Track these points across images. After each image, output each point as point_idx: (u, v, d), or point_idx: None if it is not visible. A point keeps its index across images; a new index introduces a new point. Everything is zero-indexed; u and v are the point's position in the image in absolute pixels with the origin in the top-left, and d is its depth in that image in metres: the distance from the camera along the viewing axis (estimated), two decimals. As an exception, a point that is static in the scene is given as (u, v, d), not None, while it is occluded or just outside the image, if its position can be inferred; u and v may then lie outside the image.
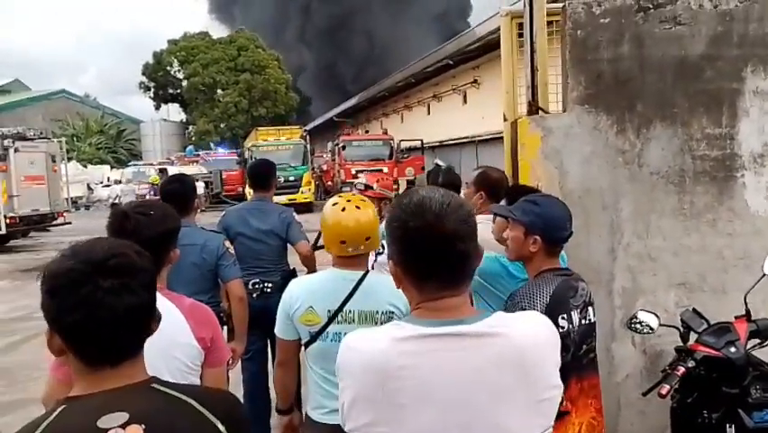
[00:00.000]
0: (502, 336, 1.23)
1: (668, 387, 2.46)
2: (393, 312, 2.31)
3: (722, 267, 3.09)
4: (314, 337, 2.38)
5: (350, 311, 2.34)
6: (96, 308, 1.13)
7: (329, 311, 2.34)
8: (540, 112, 3.15)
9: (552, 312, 1.99)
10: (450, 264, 1.26)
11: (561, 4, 3.16)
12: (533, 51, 3.12)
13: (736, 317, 2.64)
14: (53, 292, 1.15)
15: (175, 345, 1.91)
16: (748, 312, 2.62)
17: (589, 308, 2.21)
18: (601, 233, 3.11)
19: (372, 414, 1.22)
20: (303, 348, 2.46)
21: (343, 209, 2.39)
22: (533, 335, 1.27)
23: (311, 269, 4.05)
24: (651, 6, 3.03)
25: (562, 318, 2.08)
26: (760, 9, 3.01)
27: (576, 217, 3.08)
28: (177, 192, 3.45)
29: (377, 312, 2.32)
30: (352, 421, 1.25)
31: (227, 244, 3.56)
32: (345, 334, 2.30)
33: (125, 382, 1.18)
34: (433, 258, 1.25)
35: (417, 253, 1.27)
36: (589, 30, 3.02)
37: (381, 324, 2.30)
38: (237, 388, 4.21)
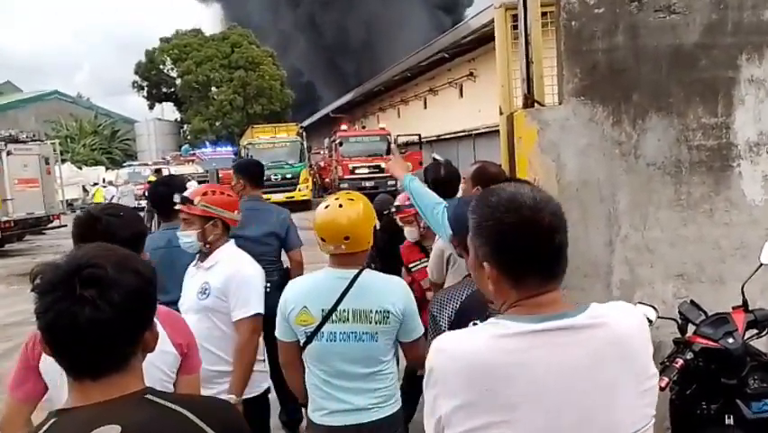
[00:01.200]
0: (605, 327, 1.22)
1: (667, 379, 2.45)
2: (389, 311, 2.32)
3: (719, 257, 3.08)
4: (309, 338, 2.38)
5: (344, 310, 2.34)
6: (65, 314, 1.12)
7: (323, 310, 2.35)
8: (536, 105, 3.13)
9: (459, 320, 1.94)
10: (549, 258, 1.24)
11: (554, -4, 3.13)
12: (527, 44, 3.10)
13: (733, 308, 2.63)
14: (39, 292, 1.15)
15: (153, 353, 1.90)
16: (746, 302, 2.62)
17: None
18: (599, 225, 3.09)
19: (482, 418, 1.16)
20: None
21: (327, 207, 2.42)
22: (631, 324, 1.27)
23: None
24: (645, -4, 3.01)
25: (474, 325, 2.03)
26: (754, -4, 2.99)
27: (573, 210, 3.09)
28: (164, 195, 3.46)
29: (371, 311, 2.32)
30: (453, 428, 1.19)
31: None
32: (340, 333, 2.33)
33: (116, 393, 1.16)
34: (533, 253, 1.23)
35: (517, 250, 1.23)
36: (584, 20, 3.00)
37: (376, 323, 2.31)
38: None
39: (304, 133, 28.61)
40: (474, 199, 1.34)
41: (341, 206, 2.39)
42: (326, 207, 2.42)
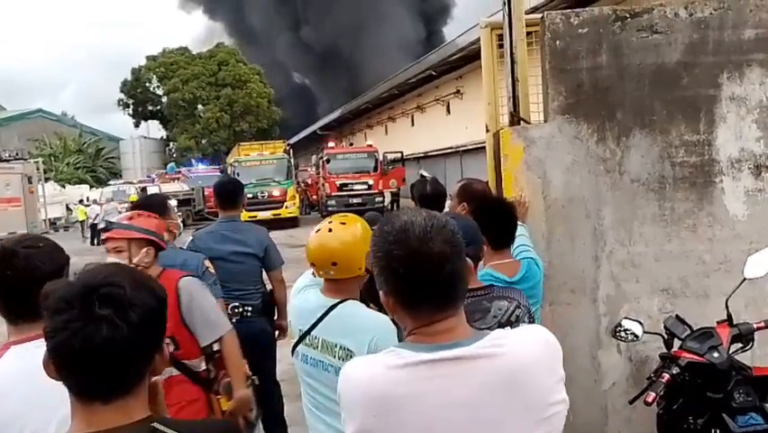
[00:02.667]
0: (497, 357, 1.21)
1: (654, 394, 2.47)
2: (352, 351, 2.20)
3: (703, 272, 3.12)
4: (292, 352, 2.41)
5: (315, 337, 2.30)
6: (81, 333, 1.08)
7: (300, 330, 2.35)
8: (522, 122, 3.17)
9: None
10: (440, 287, 1.24)
11: (539, 15, 3.19)
12: (513, 63, 3.14)
13: (718, 322, 2.66)
14: (51, 310, 1.11)
15: None
16: (730, 316, 2.64)
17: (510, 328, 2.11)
18: (585, 241, 3.13)
19: None
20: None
21: (318, 231, 2.35)
22: (528, 352, 1.24)
23: (281, 300, 3.99)
24: (628, 16, 3.07)
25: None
26: (734, 16, 3.06)
27: (559, 226, 3.13)
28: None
29: (336, 345, 2.25)
30: None
31: (207, 263, 3.50)
32: (311, 357, 2.32)
33: (124, 419, 1.12)
34: (422, 283, 1.22)
35: (406, 281, 1.23)
36: (568, 40, 3.05)
37: (339, 359, 2.21)
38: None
39: (291, 151, 28.61)
40: (375, 228, 1.35)
41: (330, 230, 2.31)
42: (317, 231, 2.35)
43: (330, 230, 2.32)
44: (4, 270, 1.69)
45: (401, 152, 26.32)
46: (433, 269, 1.22)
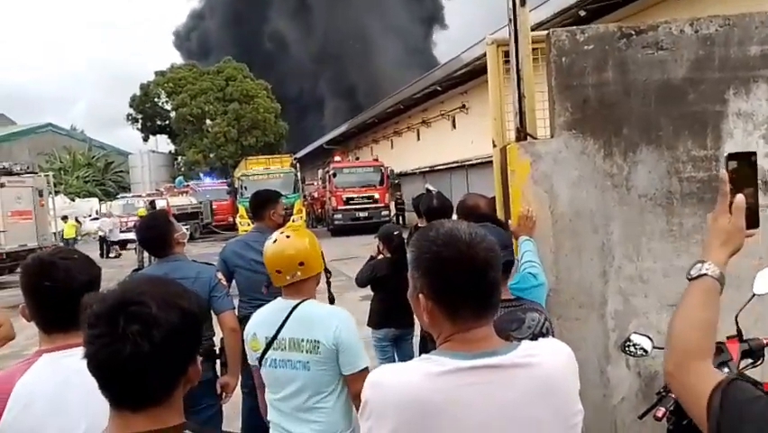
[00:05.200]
0: (533, 367, 1.25)
1: (663, 409, 2.45)
2: (319, 341, 2.38)
3: (713, 287, 3.11)
4: (259, 363, 2.51)
5: (282, 338, 2.45)
6: (107, 348, 1.14)
7: (266, 338, 2.48)
8: (528, 138, 3.19)
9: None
10: (482, 293, 1.28)
11: (545, 32, 3.22)
12: (519, 79, 3.17)
13: (727, 338, 2.65)
14: (87, 323, 1.18)
15: None
16: (740, 332, 2.63)
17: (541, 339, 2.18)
18: (593, 256, 3.12)
19: None
20: None
21: (275, 241, 2.55)
22: (559, 363, 1.30)
23: None
24: (633, 32, 3.09)
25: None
26: (740, 33, 3.07)
27: (567, 241, 3.13)
28: (151, 237, 3.57)
29: (302, 340, 2.42)
30: None
31: (219, 275, 3.55)
32: (279, 360, 2.43)
33: (155, 426, 1.17)
34: (466, 288, 1.26)
35: (451, 284, 1.27)
36: (574, 56, 3.07)
37: (307, 352, 2.40)
38: (233, 422, 4.16)
39: (298, 165, 28.74)
40: (415, 234, 1.39)
41: (288, 237, 2.54)
42: (274, 241, 2.56)
43: (287, 236, 2.55)
44: (43, 280, 1.73)
45: (391, 169, 26.44)
46: (478, 274, 1.26)
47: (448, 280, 1.27)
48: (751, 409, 1.10)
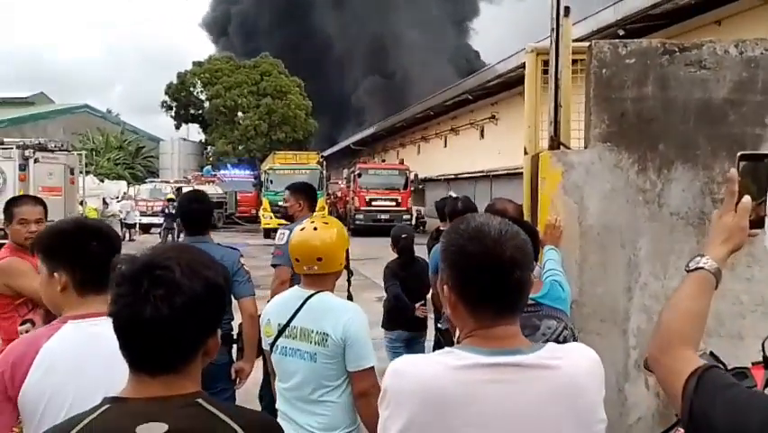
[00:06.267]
0: (556, 369, 1.24)
1: (683, 431, 2.42)
2: (328, 334, 2.37)
3: (739, 312, 3.06)
4: (270, 349, 2.52)
5: (294, 327, 2.45)
6: (129, 309, 1.15)
7: (279, 324, 2.48)
8: (562, 147, 3.18)
9: None
10: (506, 291, 1.26)
11: (586, 43, 3.20)
12: (557, 88, 3.16)
13: (753, 364, 2.60)
14: (114, 282, 1.19)
15: None
16: (765, 359, 2.58)
17: None
18: (618, 271, 3.09)
19: None
20: None
21: (302, 229, 2.54)
22: (583, 368, 1.28)
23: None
24: (676, 49, 3.06)
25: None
26: (785, 58, 3.03)
27: (593, 254, 3.11)
28: (199, 212, 3.65)
29: (312, 331, 2.41)
30: None
31: (242, 260, 3.59)
32: (290, 348, 2.43)
33: (171, 391, 1.17)
34: (489, 284, 1.25)
35: (474, 278, 1.26)
36: (614, 69, 3.05)
37: (315, 344, 2.39)
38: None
39: (324, 163, 28.88)
40: (450, 226, 1.38)
41: (315, 228, 2.51)
42: (302, 229, 2.54)
43: (315, 228, 2.52)
44: (90, 241, 1.78)
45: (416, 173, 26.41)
46: (502, 271, 1.24)
47: (471, 274, 1.26)
48: (724, 394, 1.14)
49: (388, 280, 5.14)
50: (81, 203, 21.57)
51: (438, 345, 4.25)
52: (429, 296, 4.99)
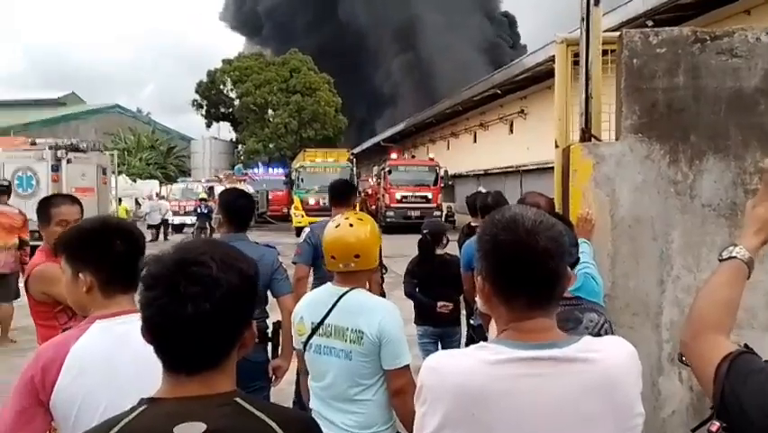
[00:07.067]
0: (593, 363, 1.23)
1: (717, 424, 2.39)
2: (363, 332, 2.34)
3: (773, 304, 3.01)
4: (303, 347, 2.49)
5: (328, 325, 2.41)
6: (167, 310, 1.13)
7: (312, 323, 2.45)
8: (593, 139, 3.16)
9: None
10: (539, 282, 1.24)
11: (617, 33, 3.18)
12: (588, 79, 3.14)
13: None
14: (143, 285, 1.17)
15: None
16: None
17: None
18: (650, 263, 3.07)
19: None
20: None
21: (337, 226, 2.49)
22: (621, 362, 1.27)
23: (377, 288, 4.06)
24: (708, 38, 3.02)
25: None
26: (820, 45, 2.96)
27: (625, 246, 3.09)
28: (245, 208, 3.66)
29: (347, 329, 2.37)
30: None
31: (281, 259, 3.63)
32: (324, 346, 2.41)
33: (208, 391, 1.15)
34: (522, 274, 1.24)
35: (507, 269, 1.25)
36: (645, 59, 3.03)
37: (351, 342, 2.35)
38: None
39: (354, 160, 28.94)
40: (486, 218, 1.38)
41: (351, 225, 2.47)
42: (337, 225, 2.50)
43: (351, 225, 2.47)
44: (113, 240, 1.75)
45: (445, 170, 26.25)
46: (535, 262, 1.23)
47: (503, 265, 1.25)
48: (755, 378, 1.17)
49: (404, 278, 5.20)
50: (120, 200, 21.92)
51: (471, 341, 4.26)
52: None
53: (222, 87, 48.93)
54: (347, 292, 2.43)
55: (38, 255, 2.97)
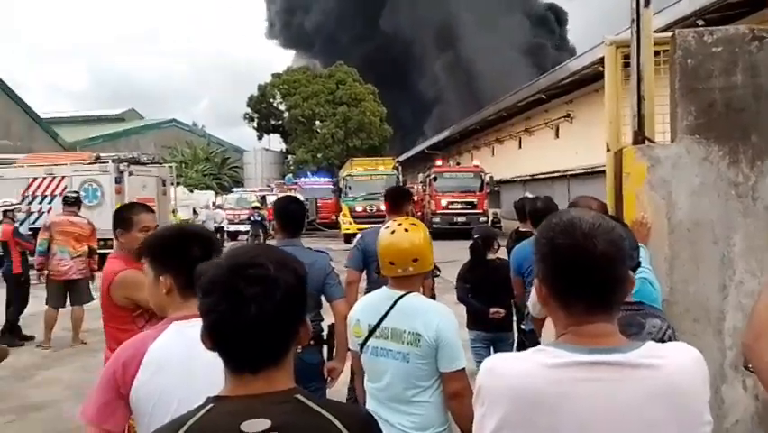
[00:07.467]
0: (657, 369, 1.19)
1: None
2: (420, 334, 2.36)
3: None
4: (360, 350, 2.53)
5: (385, 327, 2.45)
6: (229, 313, 1.16)
7: (369, 325, 2.49)
8: (646, 141, 3.09)
9: None
10: (597, 286, 1.22)
11: (668, 34, 3.11)
12: (639, 81, 3.07)
13: None
14: (202, 291, 1.21)
15: None
16: None
17: None
18: (711, 268, 2.98)
19: None
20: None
21: (393, 232, 2.53)
22: (686, 368, 1.23)
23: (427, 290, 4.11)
24: (765, 35, 2.92)
25: None
26: None
27: (683, 251, 3.01)
28: (297, 213, 3.75)
29: (405, 331, 2.40)
30: None
31: (332, 264, 3.68)
32: (381, 348, 2.45)
33: (269, 388, 1.19)
34: (580, 278, 1.22)
35: (564, 273, 1.23)
36: (700, 58, 2.95)
37: (408, 344, 2.39)
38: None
39: (400, 168, 29.02)
40: (544, 221, 1.35)
41: (406, 230, 2.51)
42: (392, 232, 2.53)
43: (406, 230, 2.52)
44: (192, 245, 1.83)
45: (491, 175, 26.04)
46: (592, 266, 1.21)
47: (560, 269, 1.23)
48: None
49: (457, 283, 5.22)
50: (173, 212, 22.72)
51: (522, 346, 4.20)
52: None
53: (272, 100, 49.97)
54: (403, 296, 2.47)
55: (115, 262, 3.04)
